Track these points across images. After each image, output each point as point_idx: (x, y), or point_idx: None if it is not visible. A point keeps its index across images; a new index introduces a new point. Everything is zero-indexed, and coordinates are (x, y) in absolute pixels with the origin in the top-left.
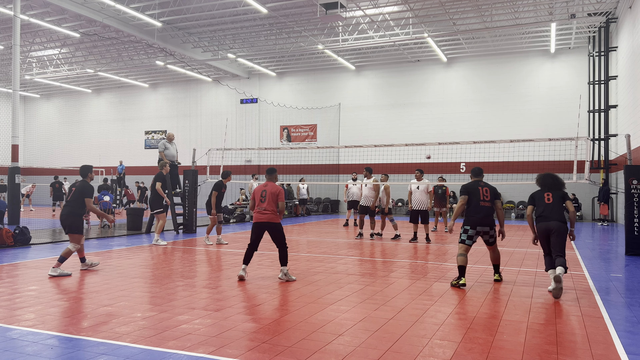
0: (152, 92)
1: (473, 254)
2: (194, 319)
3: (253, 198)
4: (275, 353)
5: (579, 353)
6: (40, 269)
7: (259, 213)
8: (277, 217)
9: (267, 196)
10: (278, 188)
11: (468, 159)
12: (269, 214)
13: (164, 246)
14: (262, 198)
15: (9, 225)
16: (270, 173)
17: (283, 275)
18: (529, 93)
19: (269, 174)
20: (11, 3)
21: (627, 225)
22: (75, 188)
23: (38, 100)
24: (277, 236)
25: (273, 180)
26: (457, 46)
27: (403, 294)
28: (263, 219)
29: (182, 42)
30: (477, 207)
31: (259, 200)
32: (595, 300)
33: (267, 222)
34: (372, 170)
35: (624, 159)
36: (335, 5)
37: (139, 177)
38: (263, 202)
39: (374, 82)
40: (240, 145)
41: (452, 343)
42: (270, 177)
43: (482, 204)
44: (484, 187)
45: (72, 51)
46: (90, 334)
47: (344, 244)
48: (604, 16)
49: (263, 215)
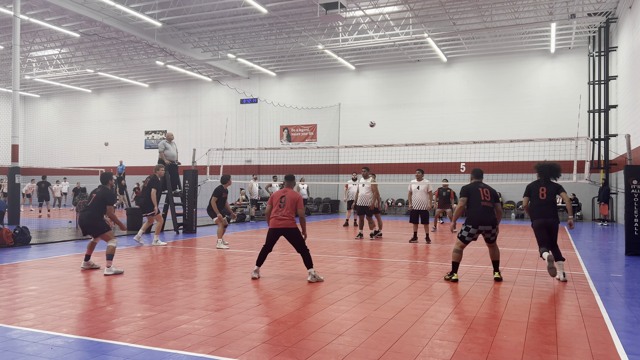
0: (152, 92)
1: (473, 254)
2: (194, 319)
3: (270, 203)
4: (275, 353)
5: (579, 353)
6: (40, 269)
7: (277, 219)
8: (295, 222)
9: (287, 202)
10: (298, 195)
11: (468, 159)
12: (287, 219)
13: (163, 246)
14: (281, 204)
15: (9, 225)
16: (289, 179)
17: (312, 278)
18: (529, 93)
19: (288, 180)
20: (11, 3)
21: (627, 225)
22: (97, 194)
23: (38, 100)
24: (296, 241)
25: (292, 187)
26: (457, 46)
27: (403, 294)
28: (281, 225)
29: (182, 42)
30: (478, 206)
31: (277, 205)
32: (595, 300)
33: (285, 227)
34: (369, 169)
35: (624, 159)
36: (335, 5)
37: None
38: (282, 207)
39: (374, 82)
40: (240, 145)
41: (452, 343)
42: (289, 183)
43: (483, 204)
44: (484, 189)
45: (72, 51)
46: (90, 334)
47: (344, 244)
48: (604, 16)
49: (281, 221)
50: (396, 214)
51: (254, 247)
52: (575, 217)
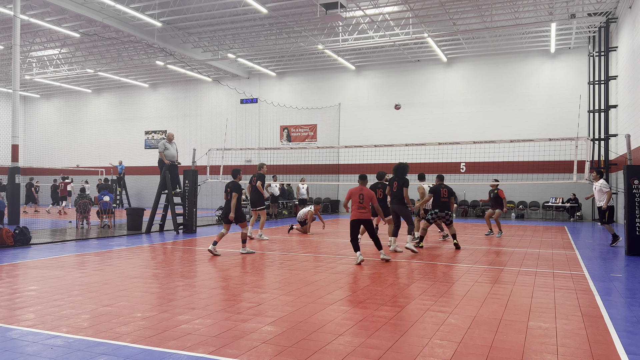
0: (152, 92)
1: (473, 254)
2: (194, 319)
3: (349, 198)
4: (275, 353)
5: (579, 353)
6: (40, 269)
7: (359, 212)
8: (370, 214)
9: (365, 198)
10: (372, 192)
11: (468, 159)
12: (366, 212)
13: (266, 240)
14: (360, 199)
15: (9, 225)
16: (362, 179)
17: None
18: (529, 93)
19: (362, 180)
20: (11, 3)
21: (628, 225)
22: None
23: (38, 100)
24: (370, 229)
25: (365, 185)
26: (457, 46)
27: (403, 294)
28: (362, 217)
29: (182, 42)
30: (439, 201)
31: (357, 201)
32: (595, 300)
33: (364, 219)
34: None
35: (624, 159)
36: (335, 5)
37: (139, 177)
38: (362, 202)
39: (374, 82)
40: (240, 145)
41: (452, 343)
42: (363, 182)
43: (442, 199)
44: (444, 189)
45: (72, 51)
46: (90, 334)
47: (344, 244)
48: (604, 16)
49: (362, 213)
50: None
51: (253, 247)
52: (576, 217)
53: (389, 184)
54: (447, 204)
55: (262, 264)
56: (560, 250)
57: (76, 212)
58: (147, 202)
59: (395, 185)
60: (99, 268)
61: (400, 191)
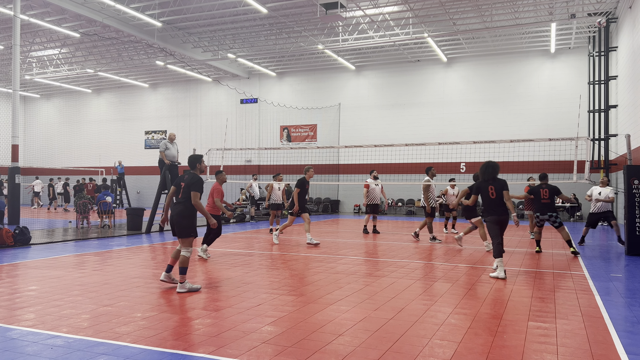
0: (152, 92)
1: (473, 255)
2: (193, 319)
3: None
4: (275, 353)
5: (579, 353)
6: (40, 269)
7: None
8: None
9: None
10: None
11: (468, 159)
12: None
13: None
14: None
15: (9, 225)
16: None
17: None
18: (529, 93)
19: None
20: (11, 3)
21: (628, 225)
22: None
23: (38, 100)
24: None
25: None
26: (457, 46)
27: (403, 294)
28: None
29: (182, 42)
30: (540, 203)
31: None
32: (595, 300)
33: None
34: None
35: (624, 159)
36: (335, 5)
37: (139, 177)
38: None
39: (374, 82)
40: (240, 145)
41: (452, 343)
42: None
43: (543, 201)
44: (544, 189)
45: (72, 51)
46: (90, 334)
47: (343, 244)
48: (604, 16)
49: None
50: (396, 214)
51: (254, 247)
52: (576, 217)
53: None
54: (549, 205)
55: (262, 264)
56: (560, 250)
57: (76, 212)
58: (147, 202)
59: (492, 191)
60: (99, 268)
61: (501, 196)
